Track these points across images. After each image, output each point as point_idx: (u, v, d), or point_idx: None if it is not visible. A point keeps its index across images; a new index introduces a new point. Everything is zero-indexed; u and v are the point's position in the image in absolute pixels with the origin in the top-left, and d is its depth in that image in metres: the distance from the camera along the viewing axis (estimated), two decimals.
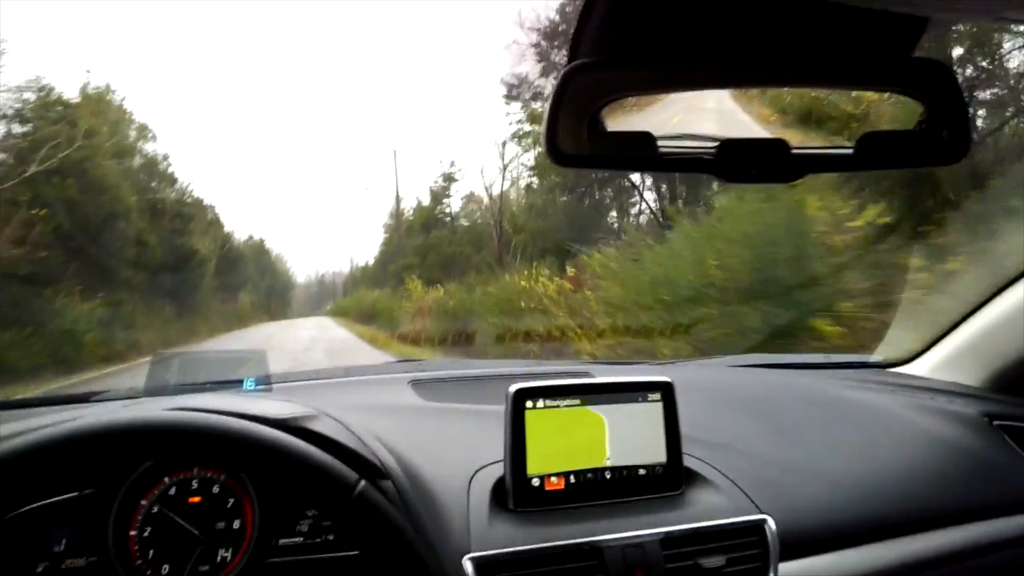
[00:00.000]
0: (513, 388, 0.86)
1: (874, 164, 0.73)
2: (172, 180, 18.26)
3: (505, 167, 16.75)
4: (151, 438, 0.43)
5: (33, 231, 9.37)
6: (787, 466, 1.01)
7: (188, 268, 17.07)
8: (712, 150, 0.67)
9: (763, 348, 3.53)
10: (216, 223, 22.59)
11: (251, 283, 25.32)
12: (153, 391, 1.02)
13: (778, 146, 0.67)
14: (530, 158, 15.21)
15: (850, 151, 0.68)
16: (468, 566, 0.75)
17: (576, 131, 0.65)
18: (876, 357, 1.59)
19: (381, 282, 21.69)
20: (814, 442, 1.10)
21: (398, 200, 22.87)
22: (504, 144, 16.50)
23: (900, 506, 1.01)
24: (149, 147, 17.41)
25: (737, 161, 0.68)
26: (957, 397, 1.29)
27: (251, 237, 31.37)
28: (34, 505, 0.69)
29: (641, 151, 0.67)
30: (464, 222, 19.66)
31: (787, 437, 1.10)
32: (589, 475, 0.88)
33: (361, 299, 20.37)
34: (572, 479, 0.87)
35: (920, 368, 1.47)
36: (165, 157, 18.11)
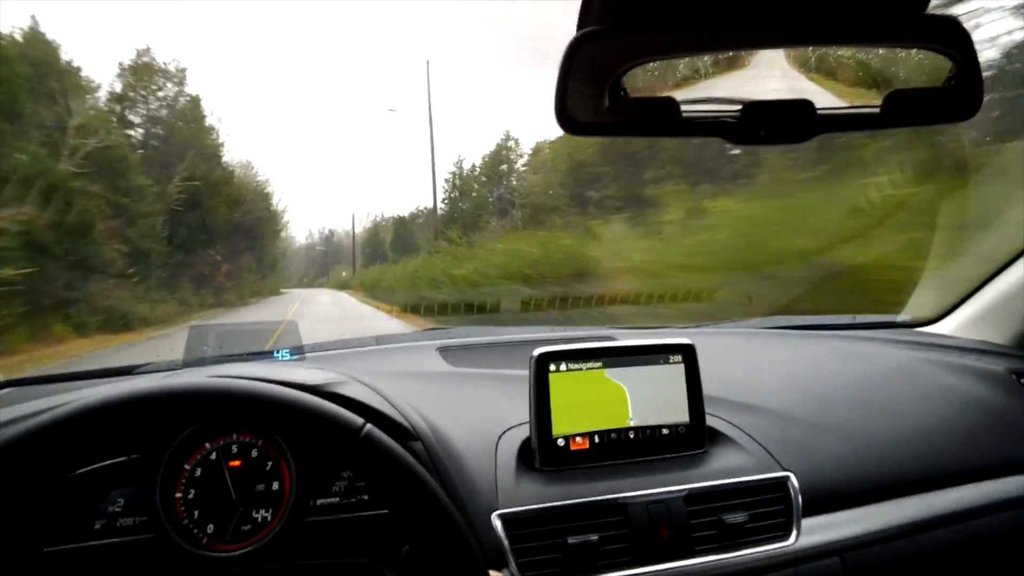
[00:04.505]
0: (537, 352, 0.89)
1: (897, 122, 0.73)
2: None
3: None
4: (196, 403, 0.45)
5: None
6: (811, 424, 1.02)
7: None
8: (735, 112, 0.67)
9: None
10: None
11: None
12: (192, 362, 1.07)
13: (803, 107, 0.67)
14: None
15: (876, 110, 0.68)
16: (497, 522, 0.78)
17: (591, 98, 0.66)
18: (903, 317, 1.58)
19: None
20: (839, 401, 1.10)
21: None
22: None
23: (926, 462, 1.01)
24: None
25: (748, 123, 0.67)
26: (984, 355, 1.28)
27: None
28: (90, 467, 0.74)
29: (661, 116, 0.67)
30: None
31: (812, 396, 1.10)
32: (613, 435, 0.90)
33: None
34: (596, 439, 0.89)
35: (947, 327, 1.46)
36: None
